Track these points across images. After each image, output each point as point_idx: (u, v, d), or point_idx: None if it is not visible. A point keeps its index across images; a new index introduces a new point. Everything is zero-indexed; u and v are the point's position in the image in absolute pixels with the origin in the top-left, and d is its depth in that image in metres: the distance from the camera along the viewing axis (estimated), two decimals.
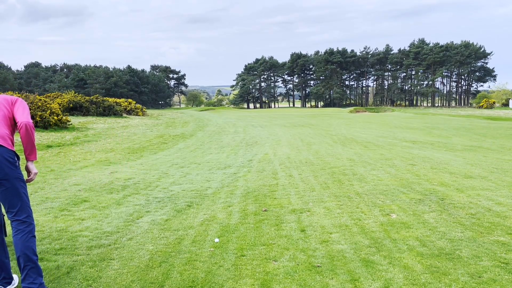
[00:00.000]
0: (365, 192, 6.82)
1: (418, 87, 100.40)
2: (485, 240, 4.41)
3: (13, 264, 3.91)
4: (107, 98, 32.27)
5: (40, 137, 15.32)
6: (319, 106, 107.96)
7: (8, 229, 4.85)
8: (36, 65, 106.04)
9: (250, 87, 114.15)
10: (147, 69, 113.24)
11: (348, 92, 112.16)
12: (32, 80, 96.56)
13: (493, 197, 6.34)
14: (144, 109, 35.58)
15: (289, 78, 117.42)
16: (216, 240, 4.57)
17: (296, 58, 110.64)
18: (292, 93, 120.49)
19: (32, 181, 3.43)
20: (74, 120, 21.86)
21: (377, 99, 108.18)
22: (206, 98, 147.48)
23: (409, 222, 5.10)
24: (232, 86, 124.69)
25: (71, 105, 26.75)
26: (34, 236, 3.24)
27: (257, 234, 4.78)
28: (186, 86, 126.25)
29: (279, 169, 9.37)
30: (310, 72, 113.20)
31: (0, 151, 3.12)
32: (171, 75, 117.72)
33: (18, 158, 3.26)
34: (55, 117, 18.54)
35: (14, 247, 3.23)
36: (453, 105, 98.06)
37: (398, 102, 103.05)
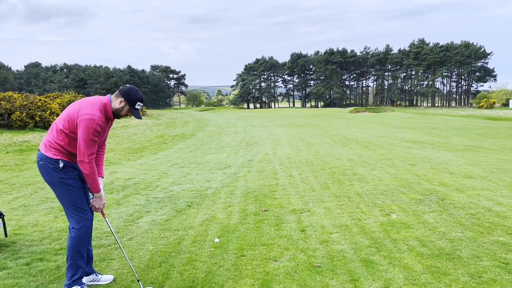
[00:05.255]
0: (365, 192, 6.82)
1: (418, 87, 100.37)
2: (485, 240, 4.41)
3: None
4: None
5: (40, 138, 15.32)
6: (319, 106, 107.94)
7: (9, 229, 4.85)
8: (36, 65, 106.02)
9: (250, 87, 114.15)
10: (147, 69, 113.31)
11: (348, 92, 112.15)
12: (32, 80, 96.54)
13: (493, 197, 6.34)
14: (144, 109, 35.59)
15: (289, 78, 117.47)
16: (216, 240, 4.57)
17: (296, 58, 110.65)
18: (292, 93, 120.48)
19: (97, 210, 3.43)
20: None
21: (377, 99, 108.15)
22: (206, 98, 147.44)
23: (409, 222, 5.10)
24: (232, 86, 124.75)
25: None
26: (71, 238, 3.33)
27: (257, 234, 4.78)
28: (186, 86, 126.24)
29: (279, 169, 9.37)
30: (310, 72, 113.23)
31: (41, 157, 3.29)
32: (171, 75, 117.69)
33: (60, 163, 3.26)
34: (55, 117, 18.54)
35: None
36: (453, 105, 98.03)
37: (398, 102, 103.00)
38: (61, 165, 3.24)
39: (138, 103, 3.36)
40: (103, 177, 3.50)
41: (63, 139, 3.24)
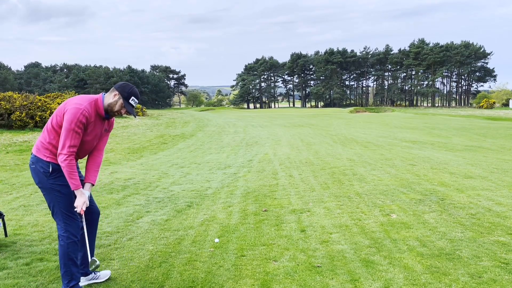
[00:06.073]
0: (365, 192, 6.82)
1: (418, 87, 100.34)
2: (485, 240, 4.41)
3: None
4: None
5: None
6: (319, 106, 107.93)
7: (9, 229, 4.84)
8: (36, 65, 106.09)
9: (250, 87, 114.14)
10: (147, 69, 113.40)
11: (348, 92, 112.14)
12: (32, 80, 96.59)
13: (493, 197, 6.33)
14: (144, 109, 35.59)
15: (289, 78, 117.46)
16: (216, 240, 4.57)
17: (296, 58, 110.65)
18: (292, 93, 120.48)
19: (79, 211, 3.25)
20: None
21: (377, 99, 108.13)
22: (206, 98, 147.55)
23: (409, 222, 5.10)
24: (232, 86, 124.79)
25: None
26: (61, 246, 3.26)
27: (257, 234, 4.77)
28: (186, 86, 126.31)
29: (279, 169, 9.37)
30: (310, 72, 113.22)
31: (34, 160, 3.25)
32: (171, 75, 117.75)
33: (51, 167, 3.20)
34: None
35: None
36: (453, 105, 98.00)
37: (398, 102, 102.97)
38: (50, 169, 3.17)
39: (132, 97, 3.24)
40: (94, 184, 3.37)
41: (54, 137, 3.16)
